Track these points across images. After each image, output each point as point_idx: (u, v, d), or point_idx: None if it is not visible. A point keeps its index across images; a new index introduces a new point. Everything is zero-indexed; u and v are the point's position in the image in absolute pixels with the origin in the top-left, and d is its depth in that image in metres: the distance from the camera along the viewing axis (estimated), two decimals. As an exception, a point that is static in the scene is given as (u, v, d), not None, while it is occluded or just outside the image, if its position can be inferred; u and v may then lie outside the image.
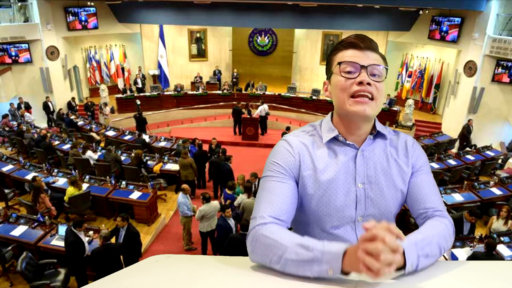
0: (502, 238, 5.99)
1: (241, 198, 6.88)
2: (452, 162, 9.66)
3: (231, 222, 6.09)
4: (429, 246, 0.95)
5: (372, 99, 1.05)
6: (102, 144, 10.23)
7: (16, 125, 11.40)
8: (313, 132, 1.17)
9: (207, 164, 9.37)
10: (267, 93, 15.00)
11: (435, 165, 9.32)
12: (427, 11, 13.21)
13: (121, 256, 5.45)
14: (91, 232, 6.11)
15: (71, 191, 7.10)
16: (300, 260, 0.87)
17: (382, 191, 1.12)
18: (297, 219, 1.21)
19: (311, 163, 1.12)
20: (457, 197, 7.61)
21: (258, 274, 0.95)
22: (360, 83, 1.04)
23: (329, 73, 1.14)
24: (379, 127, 1.15)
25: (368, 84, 1.04)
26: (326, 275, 0.83)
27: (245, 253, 1.06)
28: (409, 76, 14.86)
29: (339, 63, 1.08)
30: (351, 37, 1.10)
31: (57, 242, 5.89)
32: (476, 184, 8.11)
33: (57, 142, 10.28)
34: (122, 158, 9.24)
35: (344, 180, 1.10)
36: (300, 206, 1.16)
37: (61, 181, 7.93)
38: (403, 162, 1.15)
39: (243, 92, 15.14)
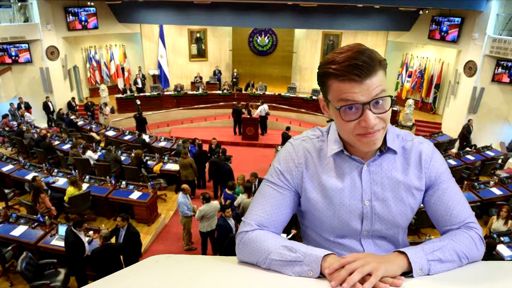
0: (502, 238, 6.01)
1: (241, 198, 6.88)
2: (452, 162, 9.64)
3: (231, 222, 6.09)
4: (442, 252, 0.94)
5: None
6: (102, 144, 10.23)
7: (16, 125, 11.39)
8: (322, 138, 1.12)
9: (207, 164, 9.38)
10: (267, 93, 14.99)
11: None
12: (427, 11, 13.21)
13: (121, 256, 5.45)
14: (91, 232, 6.11)
15: (71, 191, 7.10)
16: (284, 260, 0.93)
17: (389, 207, 1.08)
18: (302, 226, 1.22)
19: (315, 174, 1.09)
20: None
21: (258, 274, 0.95)
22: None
23: (324, 94, 1.03)
24: (390, 141, 1.07)
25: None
26: (306, 275, 0.89)
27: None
28: (409, 76, 14.86)
29: (338, 109, 0.95)
30: (344, 64, 0.91)
31: (57, 242, 5.90)
32: (476, 184, 8.11)
33: (57, 142, 10.28)
34: (122, 158, 9.24)
35: (349, 196, 1.07)
36: (305, 215, 1.16)
37: (61, 181, 7.93)
38: (414, 175, 1.08)
39: (243, 92, 15.14)
